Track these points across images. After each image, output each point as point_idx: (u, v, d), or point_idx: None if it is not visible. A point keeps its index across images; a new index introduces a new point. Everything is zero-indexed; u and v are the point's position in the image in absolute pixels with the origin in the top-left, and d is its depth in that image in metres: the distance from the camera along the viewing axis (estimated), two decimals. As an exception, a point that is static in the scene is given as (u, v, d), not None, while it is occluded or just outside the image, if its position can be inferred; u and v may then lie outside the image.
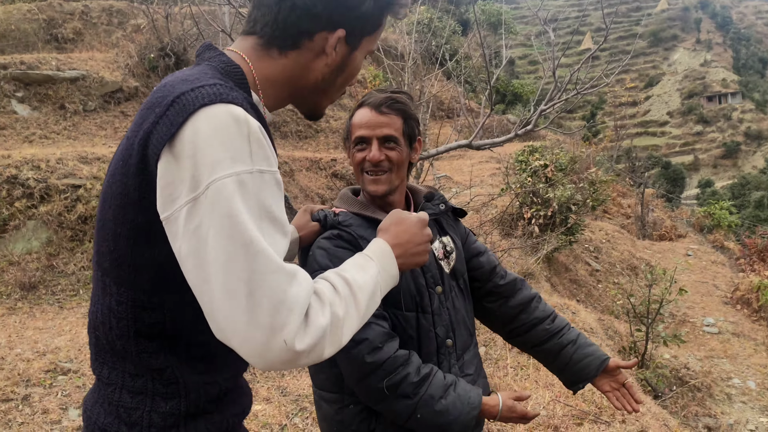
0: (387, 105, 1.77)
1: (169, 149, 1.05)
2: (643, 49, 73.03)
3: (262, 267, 1.00)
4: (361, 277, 1.22)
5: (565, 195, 9.22)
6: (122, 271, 1.16)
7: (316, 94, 1.33)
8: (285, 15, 1.20)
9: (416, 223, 1.42)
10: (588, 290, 10.60)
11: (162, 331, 1.18)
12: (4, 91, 10.43)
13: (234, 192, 1.01)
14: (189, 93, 1.07)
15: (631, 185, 22.12)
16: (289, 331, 1.01)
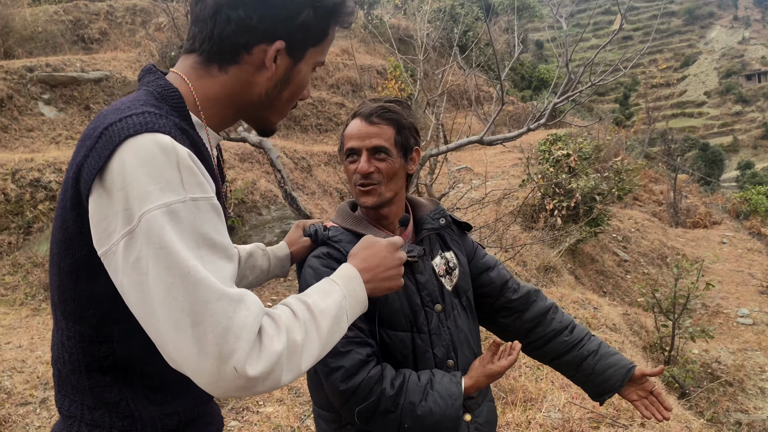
0: (378, 115, 1.71)
1: (99, 183, 1.03)
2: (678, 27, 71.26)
3: (203, 296, 0.99)
4: (324, 302, 1.20)
5: (589, 185, 9.02)
6: (68, 306, 1.15)
7: (262, 109, 1.28)
8: (220, 29, 1.16)
9: (386, 247, 1.40)
10: (615, 281, 10.39)
11: (113, 364, 1.17)
12: (31, 93, 10.61)
13: (165, 223, 0.99)
14: (116, 124, 1.05)
15: (666, 168, 21.65)
16: (238, 358, 0.99)
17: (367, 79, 15.60)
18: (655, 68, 37.76)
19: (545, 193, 9.38)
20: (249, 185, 8.10)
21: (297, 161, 10.43)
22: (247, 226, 7.72)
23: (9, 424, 3.99)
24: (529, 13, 23.87)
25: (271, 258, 1.78)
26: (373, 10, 20.12)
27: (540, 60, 28.12)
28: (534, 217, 9.58)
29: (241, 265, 1.71)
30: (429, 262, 1.81)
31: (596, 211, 9.15)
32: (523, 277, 7.70)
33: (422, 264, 1.77)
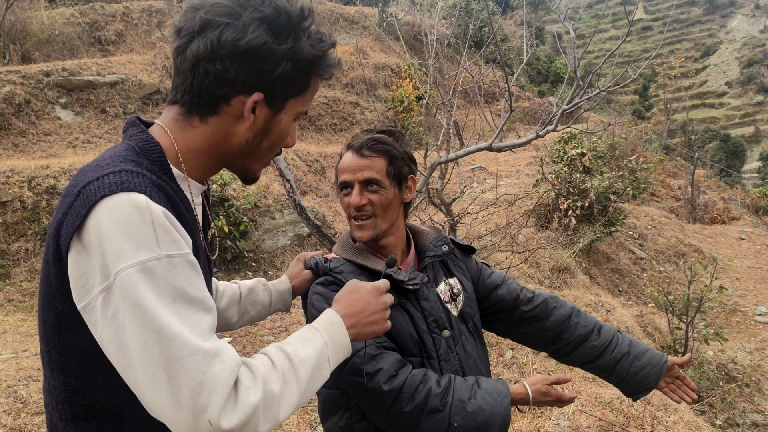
0: (368, 147, 1.71)
1: (78, 240, 1.06)
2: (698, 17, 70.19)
3: (177, 352, 1.01)
4: (305, 350, 1.21)
5: (604, 184, 8.95)
6: (53, 357, 1.18)
7: (243, 158, 1.30)
8: (200, 81, 1.19)
9: (370, 291, 1.41)
10: (631, 280, 10.31)
11: (99, 413, 1.19)
12: (48, 98, 10.73)
13: (139, 281, 1.02)
14: (94, 183, 1.08)
15: (685, 161, 21.39)
16: (212, 411, 1.01)
17: (382, 77, 15.56)
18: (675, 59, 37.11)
19: (559, 192, 9.32)
20: (262, 190, 8.14)
21: (310, 164, 10.45)
22: (261, 230, 7.76)
23: (25, 434, 4.05)
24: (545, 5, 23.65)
25: (272, 292, 1.80)
26: (388, 8, 20.03)
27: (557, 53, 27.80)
28: (548, 217, 9.53)
29: (242, 301, 1.74)
30: (433, 289, 1.81)
31: (611, 210, 9.08)
32: (536, 279, 7.67)
33: (426, 291, 1.78)
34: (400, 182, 1.76)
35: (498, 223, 7.53)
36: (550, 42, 29.92)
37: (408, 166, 1.78)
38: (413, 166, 1.81)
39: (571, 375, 5.24)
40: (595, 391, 4.94)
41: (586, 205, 9.03)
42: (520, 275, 7.38)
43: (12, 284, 6.84)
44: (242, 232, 7.38)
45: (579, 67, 5.03)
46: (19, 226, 7.19)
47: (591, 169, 9.33)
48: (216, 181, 7.24)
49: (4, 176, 7.36)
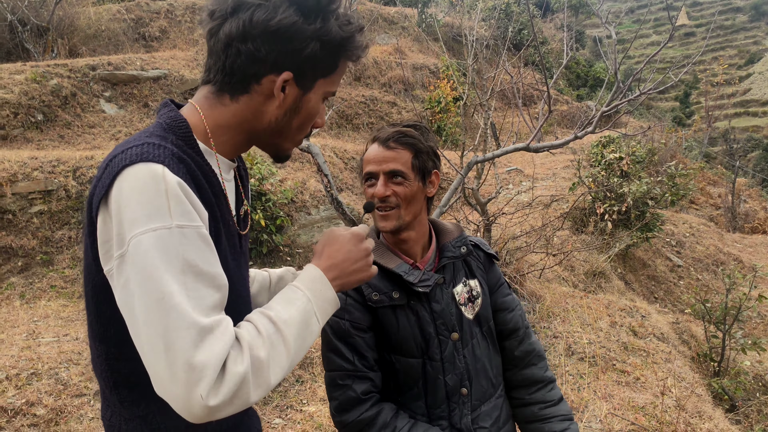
0: (394, 140, 1.73)
1: (104, 209, 1.12)
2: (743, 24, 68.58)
3: (174, 323, 1.04)
4: (287, 311, 1.23)
5: (641, 189, 8.83)
6: (94, 327, 1.25)
7: (273, 136, 1.34)
8: (232, 60, 1.23)
9: (350, 240, 1.40)
10: (667, 287, 10.15)
11: (139, 380, 1.23)
12: (93, 91, 10.99)
13: (150, 247, 1.05)
14: (119, 155, 1.13)
15: (726, 169, 20.95)
16: (204, 386, 1.03)
17: (420, 78, 15.57)
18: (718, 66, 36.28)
19: (596, 197, 9.22)
20: (299, 185, 8.23)
21: (347, 161, 10.51)
22: (296, 225, 7.85)
23: (65, 414, 4.14)
24: (586, 9, 23.41)
25: None
26: (427, 9, 20.04)
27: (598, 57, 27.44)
28: (584, 220, 9.44)
29: (272, 288, 1.77)
30: (449, 289, 1.81)
31: (648, 216, 8.96)
32: (570, 282, 7.61)
33: (439, 293, 1.78)
34: (424, 176, 1.77)
35: (533, 224, 7.49)
36: (590, 46, 29.57)
37: (432, 161, 1.79)
38: (437, 162, 1.82)
39: (604, 379, 5.21)
40: (628, 395, 4.90)
41: (623, 210, 8.92)
42: (554, 277, 7.34)
43: (55, 271, 7.02)
44: (278, 227, 7.48)
45: (619, 71, 4.99)
46: (63, 215, 7.38)
47: (629, 174, 9.22)
48: (254, 176, 7.35)
49: (51, 166, 7.56)
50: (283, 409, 4.68)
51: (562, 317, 6.15)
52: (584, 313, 6.28)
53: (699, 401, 5.09)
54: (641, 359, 5.66)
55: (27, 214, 7.21)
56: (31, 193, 7.29)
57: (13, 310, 6.24)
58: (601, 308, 6.53)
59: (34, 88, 9.97)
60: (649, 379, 5.24)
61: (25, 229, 7.16)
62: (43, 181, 7.36)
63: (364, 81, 15.33)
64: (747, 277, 6.65)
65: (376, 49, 17.21)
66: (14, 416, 4.02)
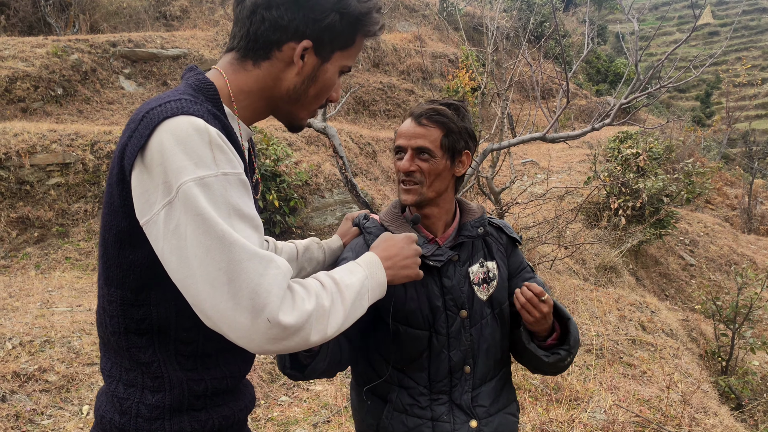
0: (427, 117, 1.75)
1: (141, 160, 1.16)
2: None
3: (237, 256, 1.11)
4: (349, 278, 1.35)
5: (657, 186, 8.78)
6: (111, 273, 1.29)
7: (290, 103, 1.40)
8: (256, 27, 1.30)
9: (403, 239, 1.56)
10: (679, 286, 10.11)
11: (150, 327, 1.29)
12: (113, 67, 11.07)
13: (200, 194, 1.11)
14: (156, 108, 1.18)
15: (744, 170, 20.74)
16: (271, 310, 1.11)
17: (438, 66, 15.53)
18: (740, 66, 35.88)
19: (611, 191, 9.18)
20: (313, 168, 8.26)
21: (362, 146, 10.53)
22: (310, 208, 7.89)
23: (76, 382, 4.21)
24: (609, 4, 23.21)
25: (326, 250, 1.90)
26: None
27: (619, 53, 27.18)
28: (597, 215, 9.40)
29: (299, 258, 1.84)
30: (463, 268, 1.82)
31: (663, 212, 8.91)
32: (581, 275, 7.60)
33: (451, 269, 1.80)
34: (453, 155, 1.78)
35: (546, 216, 7.48)
36: (611, 42, 29.31)
37: (465, 141, 1.79)
38: (470, 143, 1.82)
39: (611, 371, 5.22)
40: (633, 388, 4.91)
41: (638, 206, 8.88)
42: (565, 269, 7.33)
43: (70, 243, 7.11)
44: (292, 208, 7.52)
45: (640, 66, 4.96)
46: (80, 188, 7.47)
47: (645, 170, 9.17)
48: (269, 156, 7.38)
49: (69, 139, 7.64)
50: (290, 387, 4.73)
51: (572, 309, 6.16)
52: (594, 306, 6.28)
53: (705, 397, 5.09)
54: (648, 354, 5.66)
55: (44, 185, 7.29)
56: (49, 165, 7.37)
57: (28, 279, 6.33)
58: (611, 302, 6.52)
59: (55, 62, 10.06)
60: (655, 374, 5.24)
61: (42, 201, 7.25)
62: (62, 153, 7.44)
63: (383, 68, 15.31)
64: (759, 276, 6.61)
65: (396, 36, 17.16)
66: (26, 381, 4.09)
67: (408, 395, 1.80)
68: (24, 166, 7.17)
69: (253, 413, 4.26)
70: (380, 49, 15.44)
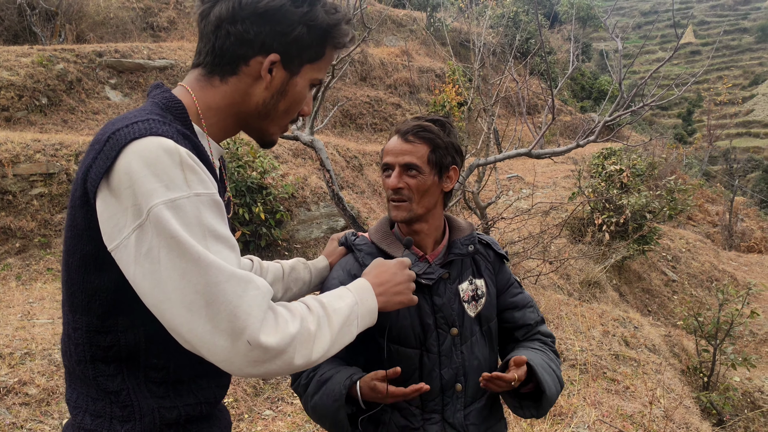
0: (413, 133, 1.75)
1: (106, 183, 1.13)
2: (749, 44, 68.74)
3: (214, 278, 1.09)
4: (337, 303, 1.32)
5: (640, 202, 8.87)
6: (76, 298, 1.24)
7: (259, 119, 1.37)
8: (221, 42, 1.27)
9: (396, 265, 1.54)
10: (661, 301, 10.19)
11: (117, 354, 1.25)
12: (99, 77, 11.00)
13: (171, 217, 1.08)
14: (123, 129, 1.14)
15: (726, 188, 21.01)
16: (251, 332, 1.09)
17: (425, 81, 15.62)
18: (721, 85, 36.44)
19: (594, 207, 9.26)
20: (300, 180, 8.25)
21: (349, 159, 10.54)
22: (296, 221, 7.87)
23: (57, 395, 4.14)
24: (593, 22, 23.52)
25: (312, 270, 1.87)
26: (436, 13, 20.10)
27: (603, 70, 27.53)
28: (581, 230, 9.47)
29: (285, 278, 1.81)
30: (453, 285, 1.82)
31: (645, 229, 8.99)
32: (565, 290, 7.64)
33: (442, 287, 1.80)
34: (441, 171, 1.78)
35: (531, 231, 7.53)
36: (595, 59, 29.65)
37: (451, 156, 1.80)
38: (457, 157, 1.83)
39: (594, 386, 5.24)
40: (617, 403, 4.93)
41: (621, 222, 8.96)
42: (550, 284, 7.37)
43: (52, 254, 7.03)
44: (277, 221, 7.50)
45: (624, 84, 5.03)
46: (64, 198, 7.39)
47: (628, 186, 9.26)
48: (256, 169, 7.37)
49: (53, 149, 7.58)
50: (274, 401, 4.70)
51: (556, 324, 6.18)
52: (578, 321, 6.31)
53: (687, 413, 5.12)
54: (632, 369, 5.69)
55: (27, 195, 7.22)
56: (33, 175, 7.30)
57: (9, 290, 6.25)
58: (595, 317, 6.56)
59: (40, 71, 9.99)
60: (638, 389, 5.27)
61: (25, 211, 7.16)
62: (45, 163, 7.38)
63: (370, 81, 15.36)
64: (740, 293, 6.69)
65: (384, 51, 17.23)
66: (6, 394, 4.02)
67: (401, 416, 1.79)
68: (7, 175, 7.10)
69: (237, 427, 4.23)
70: (368, 63, 15.49)
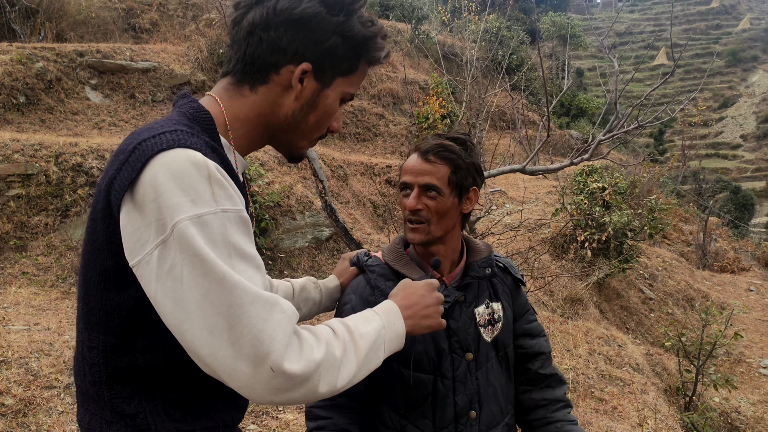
0: (434, 153, 1.69)
1: (130, 195, 1.07)
2: (720, 68, 70.41)
3: (239, 299, 1.03)
4: (364, 327, 1.26)
5: (622, 221, 8.95)
6: (93, 316, 1.18)
7: (288, 131, 1.32)
8: (253, 49, 1.23)
9: (424, 286, 1.47)
10: (639, 319, 10.28)
11: (134, 376, 1.19)
12: (79, 77, 10.81)
13: (197, 233, 1.03)
14: (150, 140, 1.09)
15: (697, 208, 21.38)
16: (275, 358, 1.03)
17: (409, 92, 15.65)
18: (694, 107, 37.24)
19: (577, 224, 9.32)
20: (286, 189, 8.16)
21: (334, 169, 10.47)
22: (280, 230, 7.77)
23: (33, 406, 4.02)
24: (573, 41, 23.83)
25: (322, 290, 1.81)
26: (421, 25, 20.19)
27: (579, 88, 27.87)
28: (564, 247, 9.52)
29: (295, 298, 1.75)
30: (469, 309, 1.77)
31: (627, 247, 9.07)
32: (549, 307, 7.66)
33: (457, 310, 1.75)
34: (461, 192, 1.73)
35: (517, 247, 7.54)
36: (573, 77, 30.02)
37: (473, 177, 1.74)
38: (478, 178, 1.77)
39: (583, 406, 5.22)
40: (606, 424, 4.92)
41: (603, 240, 9.02)
42: (535, 301, 7.37)
43: (28, 257, 6.84)
44: (262, 230, 7.40)
45: (598, 107, 5.06)
46: (42, 200, 7.21)
47: (611, 205, 9.34)
48: (242, 176, 7.26)
49: (32, 149, 7.39)
50: (259, 415, 4.60)
51: (543, 341, 6.17)
52: (564, 339, 6.31)
53: (673, 434, 5.14)
54: (618, 389, 5.69)
55: (3, 197, 7.02)
56: (10, 175, 7.10)
57: (-17, 294, 6.05)
58: (581, 335, 6.57)
59: (19, 69, 9.77)
60: (626, 409, 5.27)
61: (0, 213, 6.97)
62: (24, 164, 7.19)
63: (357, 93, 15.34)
64: (725, 313, 6.76)
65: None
66: (-19, 404, 3.88)
67: None
68: (-17, 175, 6.90)
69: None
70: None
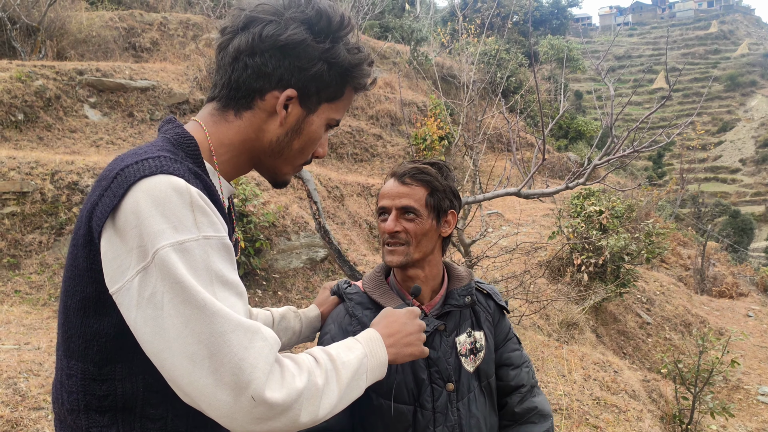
0: (410, 176, 1.69)
1: (111, 222, 1.06)
2: (718, 92, 70.96)
3: (220, 327, 1.02)
4: (346, 355, 1.24)
5: (619, 244, 8.93)
6: (72, 343, 1.17)
7: (272, 157, 1.32)
8: (238, 74, 1.23)
9: (405, 314, 1.45)
10: (636, 344, 10.21)
11: (113, 404, 1.17)
12: (78, 95, 10.84)
13: (178, 260, 1.02)
14: (132, 166, 1.09)
15: (696, 232, 21.38)
16: (256, 387, 1.01)
17: (407, 113, 15.73)
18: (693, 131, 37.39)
19: (574, 247, 9.30)
20: (281, 209, 8.15)
21: (330, 189, 10.47)
22: (275, 250, 7.74)
23: (20, 427, 3.96)
24: (572, 64, 24.01)
25: (302, 319, 1.80)
26: (420, 47, 20.34)
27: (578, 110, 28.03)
28: (561, 270, 9.49)
29: (274, 327, 1.73)
30: (449, 338, 1.73)
31: (624, 271, 9.04)
32: (545, 331, 7.60)
33: (437, 339, 1.71)
34: (439, 215, 1.72)
35: (513, 270, 7.50)
36: (571, 99, 30.21)
37: (450, 200, 1.74)
38: (455, 202, 1.77)
39: None
40: (600, 451, 4.86)
41: (600, 263, 8.99)
42: (530, 325, 7.32)
43: (21, 275, 6.80)
44: (257, 250, 7.37)
45: (596, 129, 5.07)
46: (36, 218, 7.19)
47: (608, 228, 9.32)
48: (237, 196, 7.25)
49: (28, 167, 7.39)
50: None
51: (538, 366, 6.12)
52: (559, 364, 6.25)
53: (670, 463, 5.07)
54: (613, 416, 5.63)
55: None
56: (5, 193, 7.09)
57: (-26, 312, 6.01)
58: (576, 360, 6.51)
59: (18, 86, 9.80)
60: (621, 437, 5.21)
61: (-5, 229, 6.94)
62: (20, 181, 7.18)
63: (352, 112, 15.41)
64: (722, 340, 6.71)
65: (366, 82, 17.25)
66: (-33, 425, 3.83)
67: None
68: (-22, 192, 6.88)
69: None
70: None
